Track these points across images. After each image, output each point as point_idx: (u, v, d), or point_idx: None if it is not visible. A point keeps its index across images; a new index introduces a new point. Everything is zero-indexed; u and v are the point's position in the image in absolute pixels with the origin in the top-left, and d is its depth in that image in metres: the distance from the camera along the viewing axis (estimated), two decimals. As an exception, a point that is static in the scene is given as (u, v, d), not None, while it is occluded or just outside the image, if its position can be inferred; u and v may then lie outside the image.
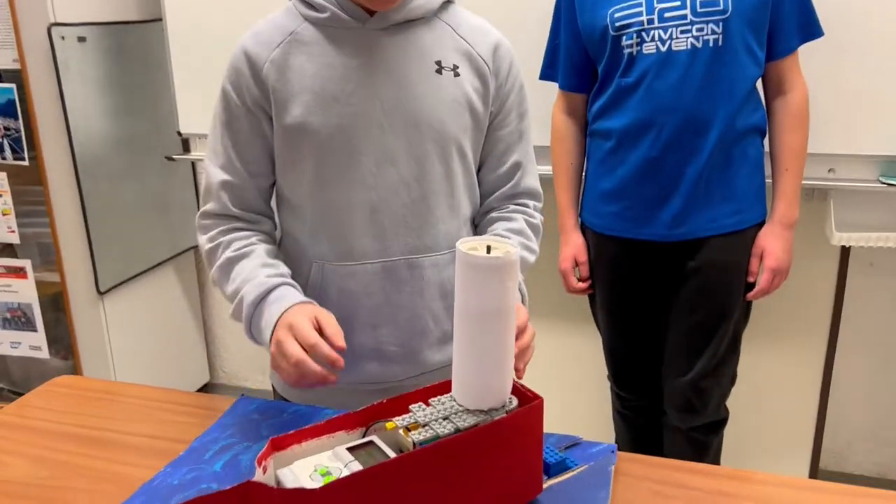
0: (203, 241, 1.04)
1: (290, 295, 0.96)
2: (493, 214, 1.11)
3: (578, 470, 0.89)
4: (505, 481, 0.79)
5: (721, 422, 1.70)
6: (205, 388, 2.72)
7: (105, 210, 2.21)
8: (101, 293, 2.21)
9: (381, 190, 1.01)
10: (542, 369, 2.21)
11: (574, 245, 1.67)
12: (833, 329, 2.02)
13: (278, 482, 0.73)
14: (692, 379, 1.61)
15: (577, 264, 1.69)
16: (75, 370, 2.27)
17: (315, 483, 0.72)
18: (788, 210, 1.53)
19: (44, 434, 1.02)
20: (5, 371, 2.45)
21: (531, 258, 1.09)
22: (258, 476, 0.71)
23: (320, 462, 0.75)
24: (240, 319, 0.98)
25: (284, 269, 1.02)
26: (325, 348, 0.87)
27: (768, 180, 1.57)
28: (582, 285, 1.70)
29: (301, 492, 0.66)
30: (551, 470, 0.88)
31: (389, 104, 0.99)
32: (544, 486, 0.85)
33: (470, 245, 0.78)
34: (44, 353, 2.28)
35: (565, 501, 0.83)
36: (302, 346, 0.87)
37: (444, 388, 0.84)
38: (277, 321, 0.93)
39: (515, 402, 0.82)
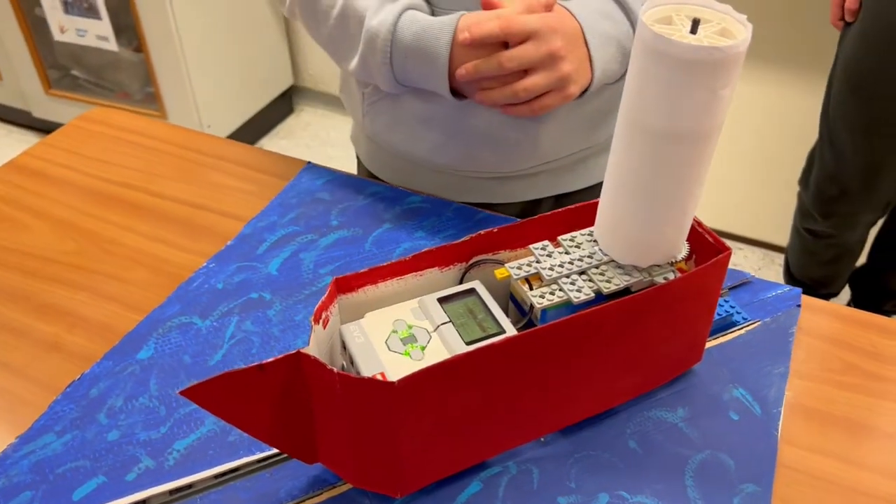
0: None
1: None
2: None
3: (748, 327, 0.65)
4: (658, 355, 0.57)
5: None
6: (289, 92, 2.50)
7: None
8: (166, -21, 1.92)
9: None
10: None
11: None
12: None
13: (344, 346, 0.53)
14: None
15: None
16: (146, 64, 2.07)
17: (395, 352, 0.51)
18: None
19: (71, 190, 0.83)
20: (79, 59, 2.28)
21: None
22: (315, 337, 0.50)
23: (401, 316, 0.53)
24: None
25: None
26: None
27: None
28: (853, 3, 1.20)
29: (373, 383, 0.45)
30: (713, 328, 0.64)
31: None
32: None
33: (661, 13, 0.47)
34: (112, 45, 2.07)
35: (728, 375, 0.61)
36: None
37: (585, 215, 0.58)
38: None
39: (685, 249, 0.56)
